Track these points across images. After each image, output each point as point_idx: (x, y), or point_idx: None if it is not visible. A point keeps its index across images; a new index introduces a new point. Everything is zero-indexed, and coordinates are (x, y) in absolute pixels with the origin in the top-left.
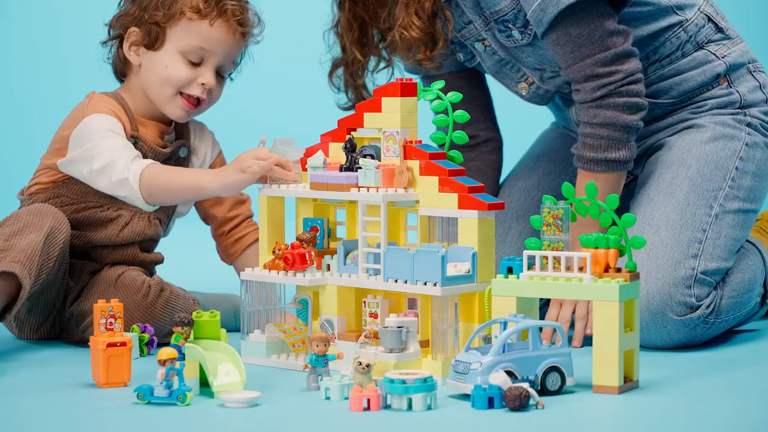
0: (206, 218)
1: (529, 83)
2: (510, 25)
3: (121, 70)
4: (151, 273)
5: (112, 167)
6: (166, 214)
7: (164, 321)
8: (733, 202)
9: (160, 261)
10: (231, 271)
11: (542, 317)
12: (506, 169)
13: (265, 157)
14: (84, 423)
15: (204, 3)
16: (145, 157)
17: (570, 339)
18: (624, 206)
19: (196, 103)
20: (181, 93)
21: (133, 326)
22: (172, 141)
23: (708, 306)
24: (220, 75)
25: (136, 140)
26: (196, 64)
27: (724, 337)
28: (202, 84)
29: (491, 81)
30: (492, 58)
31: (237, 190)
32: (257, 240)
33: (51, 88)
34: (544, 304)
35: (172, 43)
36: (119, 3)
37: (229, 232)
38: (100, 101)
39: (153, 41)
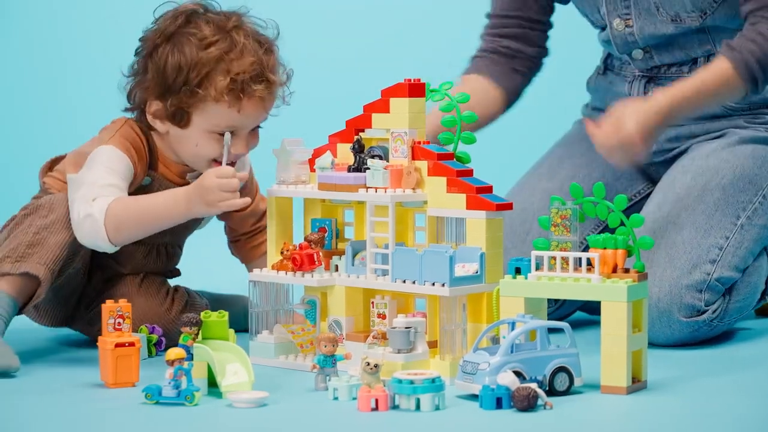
0: (226, 228)
1: (626, 24)
2: None
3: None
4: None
5: (81, 201)
6: (182, 235)
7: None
8: (761, 217)
9: (177, 275)
10: (238, 271)
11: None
12: (526, 165)
13: (232, 189)
14: (92, 423)
15: (228, 93)
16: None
17: None
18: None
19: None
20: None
21: (142, 327)
22: (194, 178)
23: (715, 311)
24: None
25: (153, 179)
26: None
27: (733, 336)
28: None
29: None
30: None
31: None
32: None
33: (53, 87)
34: (559, 306)
35: (199, 123)
36: (132, 66)
37: (246, 240)
38: (125, 136)
39: (178, 120)
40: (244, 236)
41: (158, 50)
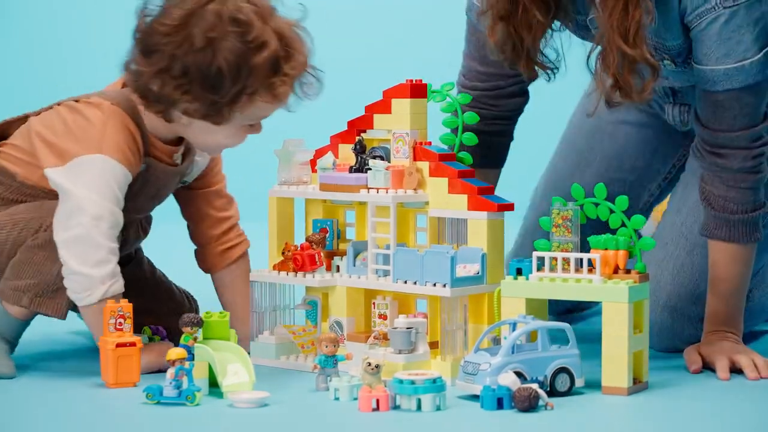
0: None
1: None
2: (665, 55)
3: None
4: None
5: (101, 255)
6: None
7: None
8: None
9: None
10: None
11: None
12: (527, 165)
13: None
14: (93, 423)
15: (286, 94)
16: (156, 175)
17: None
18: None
19: None
20: None
21: (145, 327)
22: (179, 158)
23: None
24: None
25: (147, 164)
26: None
27: None
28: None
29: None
30: None
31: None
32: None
33: (53, 87)
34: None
35: (241, 119)
36: (145, 54)
37: (217, 243)
38: (120, 136)
39: (215, 119)
40: (215, 237)
41: (199, 54)
